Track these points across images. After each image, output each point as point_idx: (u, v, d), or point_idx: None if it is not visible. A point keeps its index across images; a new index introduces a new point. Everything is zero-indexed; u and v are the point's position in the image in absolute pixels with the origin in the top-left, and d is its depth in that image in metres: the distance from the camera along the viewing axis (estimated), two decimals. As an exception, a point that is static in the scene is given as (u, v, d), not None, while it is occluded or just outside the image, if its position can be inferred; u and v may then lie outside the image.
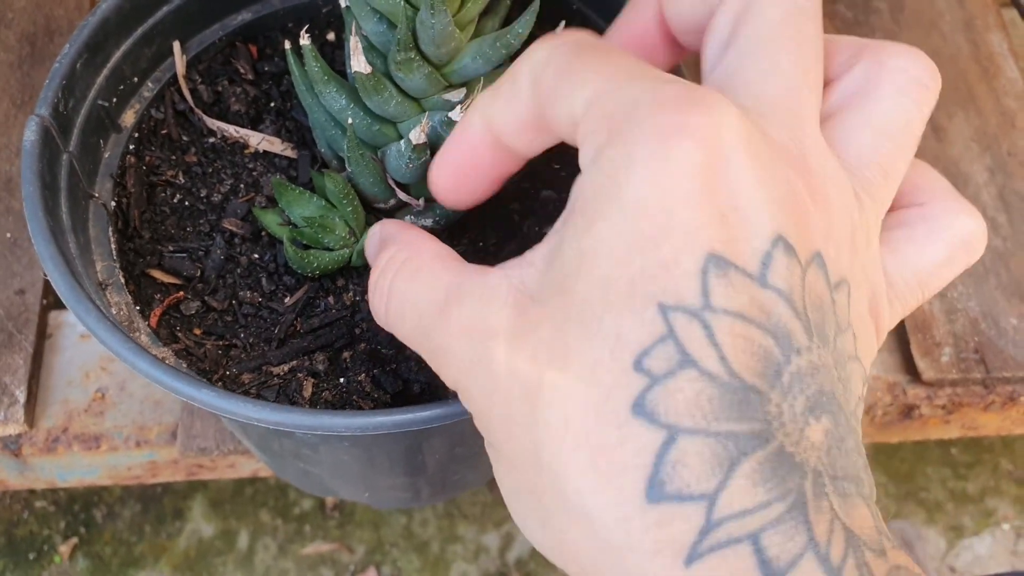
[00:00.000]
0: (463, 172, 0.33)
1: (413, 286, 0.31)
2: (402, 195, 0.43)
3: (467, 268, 0.31)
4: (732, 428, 0.24)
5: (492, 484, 1.13)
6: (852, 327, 0.27)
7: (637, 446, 0.24)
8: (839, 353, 0.26)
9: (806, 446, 0.24)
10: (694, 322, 0.24)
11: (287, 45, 0.43)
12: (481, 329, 0.28)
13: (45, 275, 0.63)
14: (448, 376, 0.29)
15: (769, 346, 0.25)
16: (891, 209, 0.31)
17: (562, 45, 0.29)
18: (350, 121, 0.40)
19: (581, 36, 0.30)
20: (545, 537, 0.27)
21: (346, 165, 0.42)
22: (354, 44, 0.37)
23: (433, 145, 0.40)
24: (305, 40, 0.39)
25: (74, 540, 1.08)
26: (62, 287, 0.36)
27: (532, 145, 0.31)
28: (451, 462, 0.49)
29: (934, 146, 0.72)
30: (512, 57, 0.40)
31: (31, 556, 1.07)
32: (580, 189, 0.27)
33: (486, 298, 0.28)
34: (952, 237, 0.30)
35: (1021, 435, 1.11)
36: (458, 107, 0.38)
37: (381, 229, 0.36)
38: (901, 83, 0.29)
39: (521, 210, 0.46)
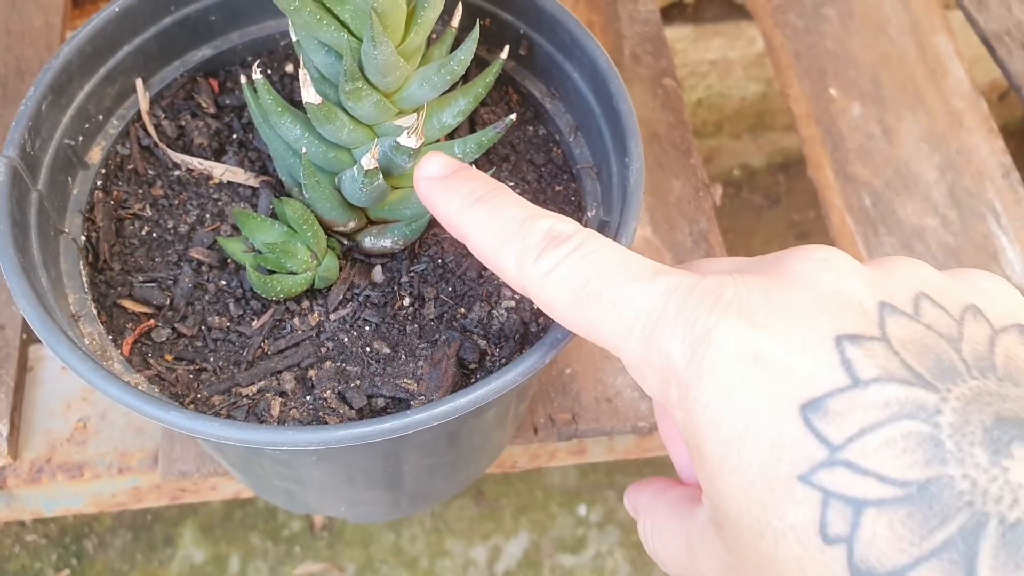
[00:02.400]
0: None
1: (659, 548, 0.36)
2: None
3: (691, 516, 0.34)
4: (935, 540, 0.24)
5: (477, 497, 1.15)
6: None
7: None
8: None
9: None
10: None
11: (243, 80, 0.45)
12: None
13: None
14: None
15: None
16: None
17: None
18: (304, 150, 0.42)
19: None
20: None
21: (303, 191, 0.44)
22: (303, 76, 0.39)
23: (384, 169, 0.42)
24: (257, 74, 0.41)
25: (66, 572, 1.09)
26: (34, 320, 0.38)
27: None
28: (422, 473, 0.50)
29: (885, 148, 0.74)
30: (456, 80, 0.42)
31: (24, 590, 1.08)
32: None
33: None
34: None
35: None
36: (405, 132, 0.39)
37: (632, 499, 0.39)
38: None
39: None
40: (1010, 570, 0.22)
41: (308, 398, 0.43)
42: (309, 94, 0.39)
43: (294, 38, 0.42)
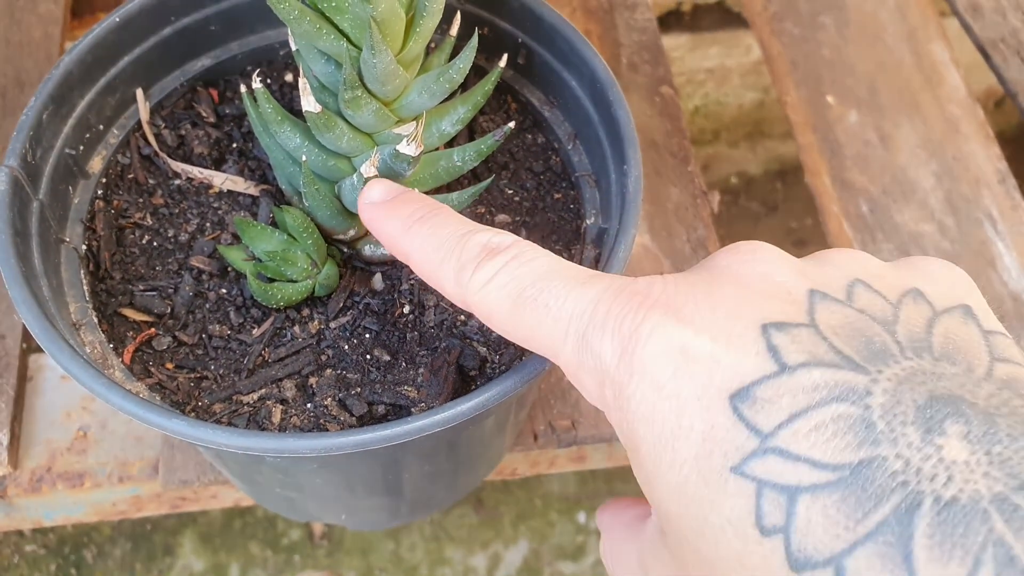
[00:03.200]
0: None
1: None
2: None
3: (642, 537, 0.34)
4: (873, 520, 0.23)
5: (477, 505, 1.15)
6: None
7: None
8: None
9: (959, 476, 0.22)
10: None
11: (243, 89, 0.45)
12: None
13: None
14: None
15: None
16: None
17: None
18: (304, 158, 0.42)
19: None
20: None
21: (303, 199, 0.44)
22: (303, 85, 0.39)
23: (384, 177, 0.42)
24: (257, 83, 0.41)
25: (65, 582, 1.09)
26: (36, 328, 0.38)
27: None
28: (422, 480, 0.51)
29: (882, 155, 0.75)
30: (455, 89, 0.42)
31: (23, 600, 1.08)
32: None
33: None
34: None
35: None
36: (404, 140, 0.40)
37: (597, 521, 0.39)
38: None
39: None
40: (947, 549, 0.22)
41: (309, 405, 0.43)
42: (309, 103, 0.40)
43: (294, 47, 0.42)
